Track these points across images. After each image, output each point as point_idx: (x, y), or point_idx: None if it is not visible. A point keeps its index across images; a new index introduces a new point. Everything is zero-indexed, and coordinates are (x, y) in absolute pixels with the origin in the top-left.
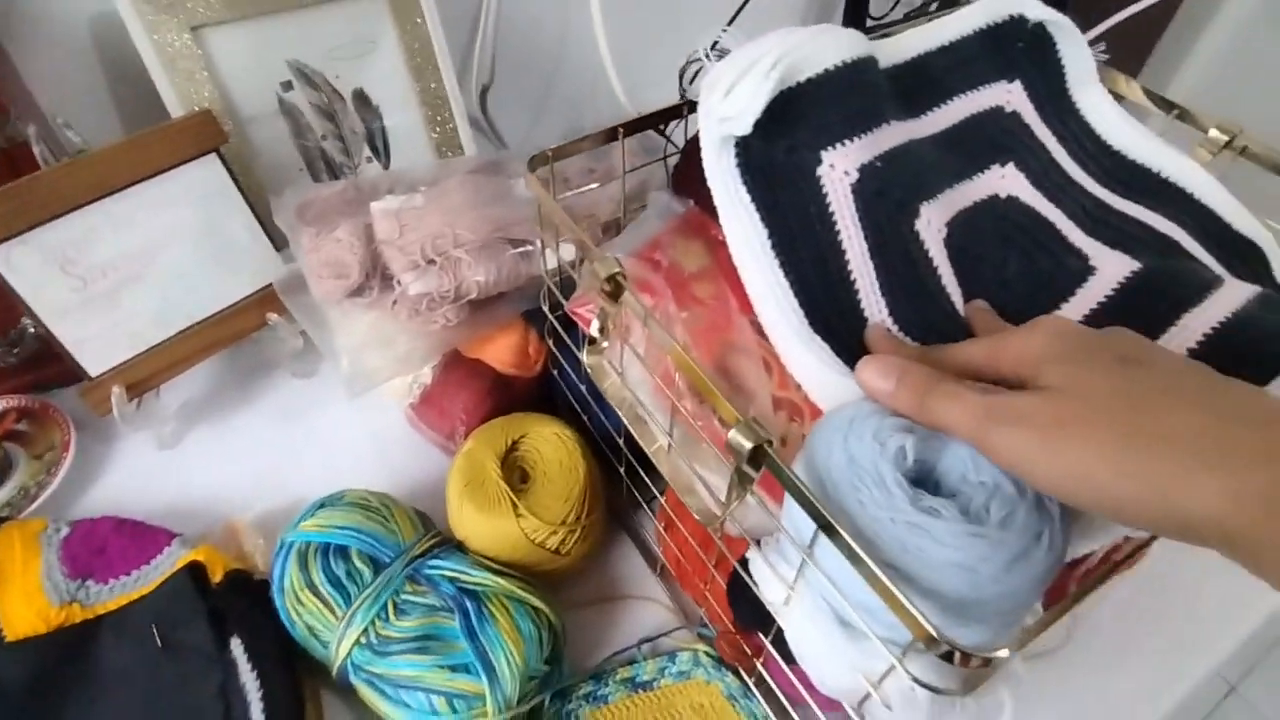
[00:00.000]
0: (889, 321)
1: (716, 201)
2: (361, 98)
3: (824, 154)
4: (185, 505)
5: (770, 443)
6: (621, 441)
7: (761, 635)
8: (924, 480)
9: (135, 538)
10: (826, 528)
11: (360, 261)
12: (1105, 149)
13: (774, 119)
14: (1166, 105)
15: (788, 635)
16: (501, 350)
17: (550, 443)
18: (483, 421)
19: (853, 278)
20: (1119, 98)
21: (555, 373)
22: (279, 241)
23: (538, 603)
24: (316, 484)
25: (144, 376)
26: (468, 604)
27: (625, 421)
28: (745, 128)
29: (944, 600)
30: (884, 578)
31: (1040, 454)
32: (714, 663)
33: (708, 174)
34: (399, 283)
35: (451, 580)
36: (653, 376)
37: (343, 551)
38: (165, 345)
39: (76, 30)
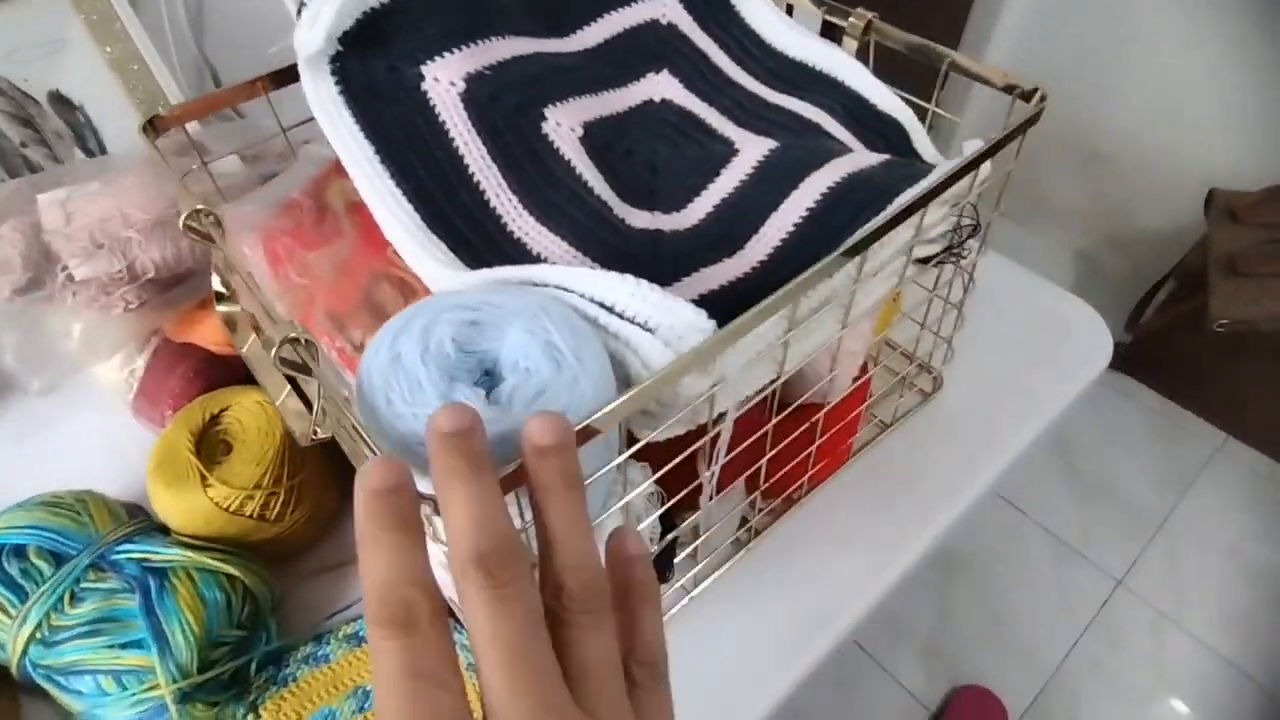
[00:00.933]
0: (525, 213)
1: (321, 125)
2: (59, 98)
3: (424, 68)
4: None
5: (305, 342)
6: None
7: None
8: (492, 372)
9: None
10: (350, 424)
11: (23, 255)
12: (767, 50)
13: (370, 40)
14: (819, 4)
15: None
16: (211, 329)
17: (251, 411)
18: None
19: (475, 179)
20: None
21: None
22: None
23: (232, 570)
24: None
25: None
26: (150, 581)
27: (261, 380)
28: (318, 43)
29: None
30: (374, 442)
31: None
32: None
33: (309, 101)
34: (65, 269)
35: (139, 561)
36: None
37: (19, 551)
38: None
39: None
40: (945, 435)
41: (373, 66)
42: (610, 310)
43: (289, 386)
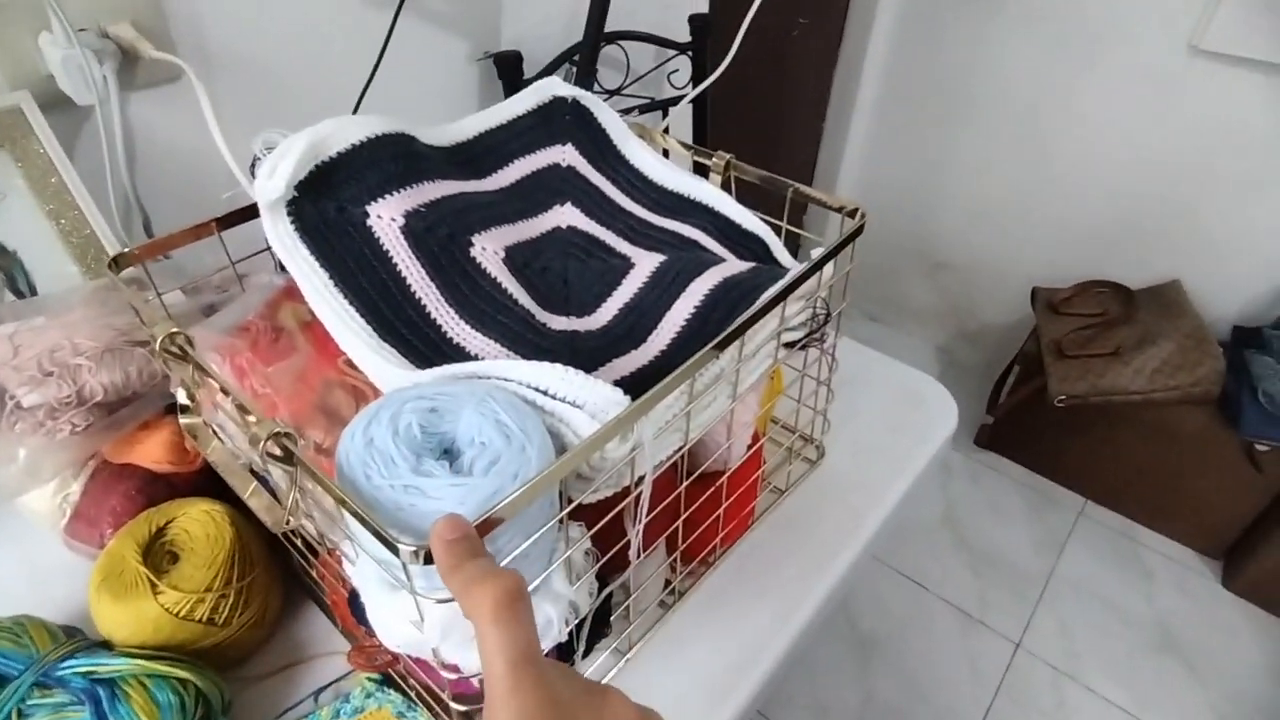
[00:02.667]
0: (461, 323)
1: (281, 258)
2: None
3: (369, 207)
4: None
5: (288, 435)
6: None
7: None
8: (450, 450)
9: None
10: (336, 498)
11: None
12: (649, 184)
13: (322, 187)
14: (688, 147)
15: (367, 614)
16: (153, 448)
17: (199, 520)
18: None
19: (416, 295)
20: (665, 151)
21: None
22: None
23: (183, 673)
24: None
25: None
26: (99, 691)
27: (230, 481)
28: (280, 191)
29: None
30: (353, 502)
31: None
32: (378, 687)
33: (269, 239)
34: (12, 397)
35: (86, 675)
36: (241, 428)
37: None
38: None
39: None
40: (831, 496)
41: (324, 207)
42: (544, 393)
43: (255, 483)
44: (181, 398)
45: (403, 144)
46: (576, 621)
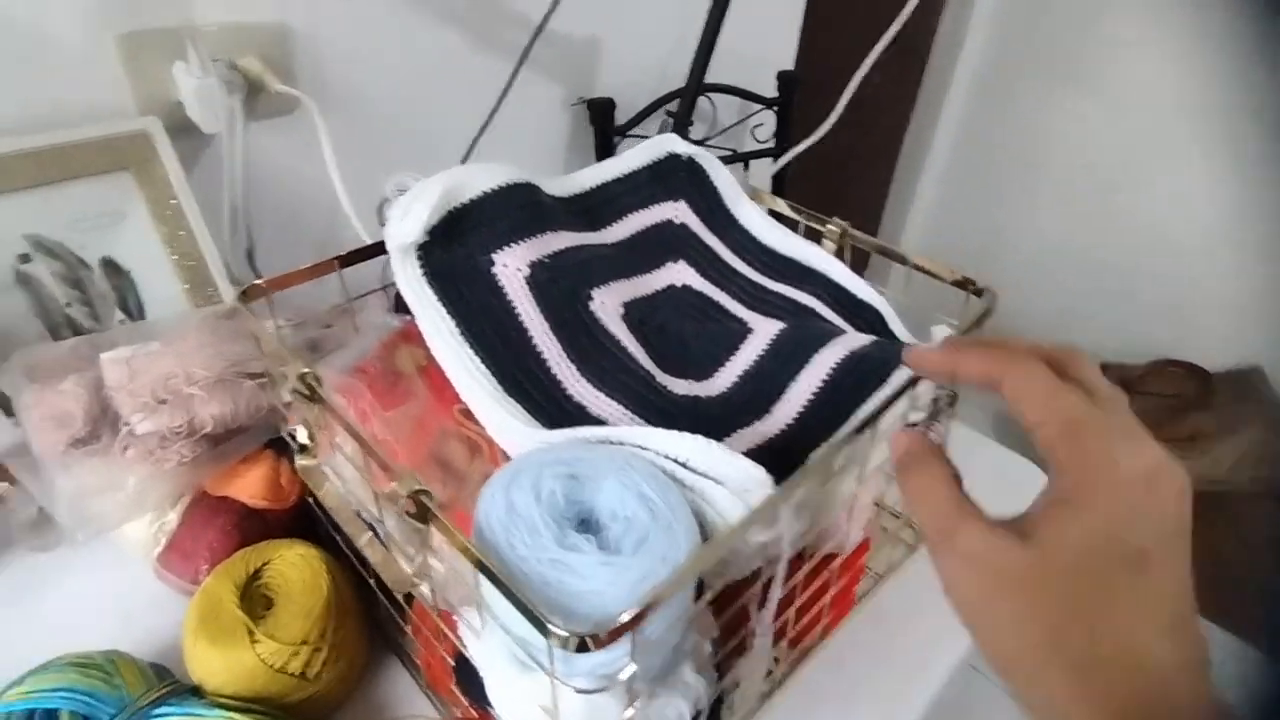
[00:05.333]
0: (583, 380)
1: (408, 302)
2: (110, 265)
3: (495, 255)
4: None
5: (427, 492)
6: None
7: (487, 707)
8: (588, 520)
9: None
10: (480, 567)
11: (85, 409)
12: (761, 246)
13: (451, 234)
14: (798, 211)
15: (488, 690)
16: (251, 484)
17: (295, 565)
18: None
19: (538, 348)
20: (774, 212)
21: (310, 499)
22: (8, 407)
23: None
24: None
25: None
26: None
27: (341, 524)
28: (415, 236)
29: (585, 624)
30: (524, 599)
31: (979, 612)
32: None
33: (397, 281)
34: (127, 424)
35: None
36: (363, 475)
37: (51, 715)
38: None
39: None
40: (929, 585)
41: (452, 253)
42: (683, 465)
43: (370, 533)
44: (301, 437)
45: (529, 194)
46: (694, 714)
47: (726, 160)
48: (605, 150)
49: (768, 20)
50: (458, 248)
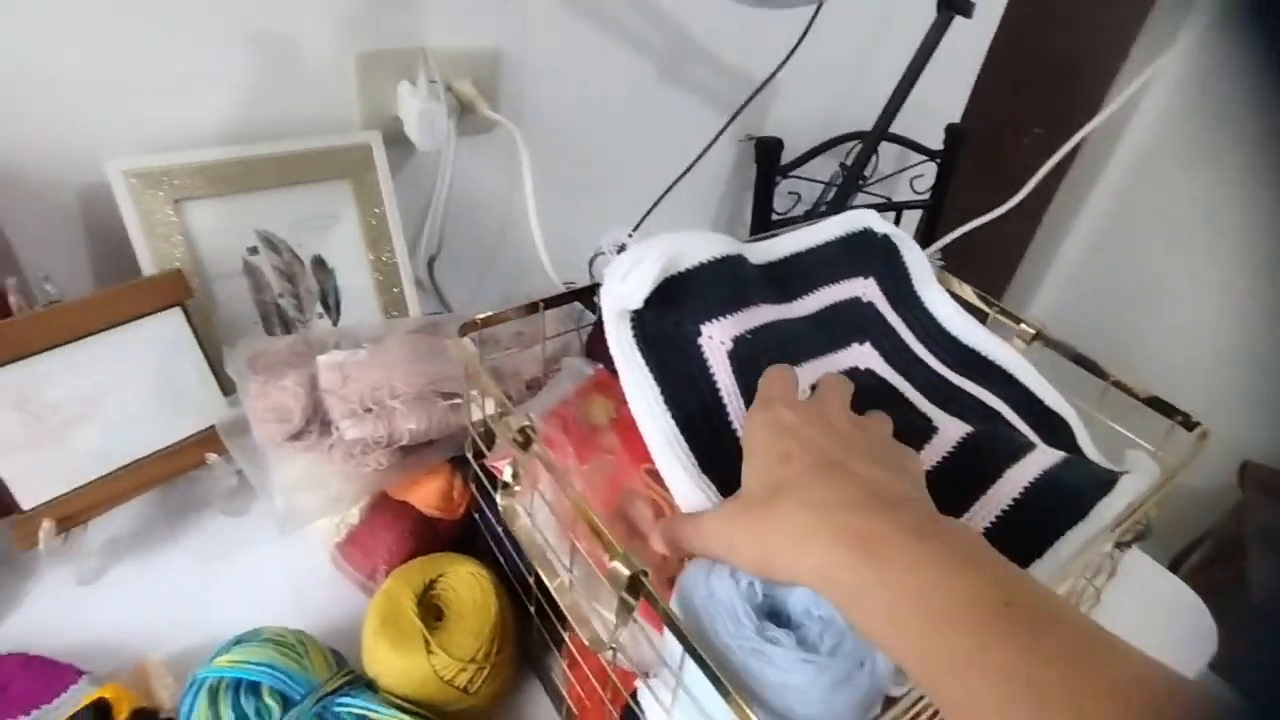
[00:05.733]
0: None
1: (617, 364)
2: (320, 263)
3: (703, 326)
4: (98, 642)
5: (646, 573)
6: (533, 581)
7: None
8: (778, 613)
9: (41, 675)
10: (690, 650)
11: (303, 408)
12: (945, 334)
13: (663, 300)
14: (989, 303)
15: None
16: (428, 494)
17: (466, 582)
18: (404, 561)
19: (733, 426)
20: (956, 296)
21: (477, 516)
22: (226, 387)
23: None
24: (235, 623)
25: (77, 511)
26: None
27: (532, 560)
28: (637, 303)
29: (781, 718)
30: (731, 689)
31: (730, 546)
32: None
33: (609, 342)
34: (337, 428)
35: (359, 718)
36: (557, 519)
37: (254, 688)
38: (103, 481)
39: (65, 197)
40: None
41: (663, 320)
42: None
43: (564, 577)
44: (507, 476)
45: (737, 266)
46: None
47: (880, 208)
48: (765, 189)
49: (941, 71)
50: (669, 315)
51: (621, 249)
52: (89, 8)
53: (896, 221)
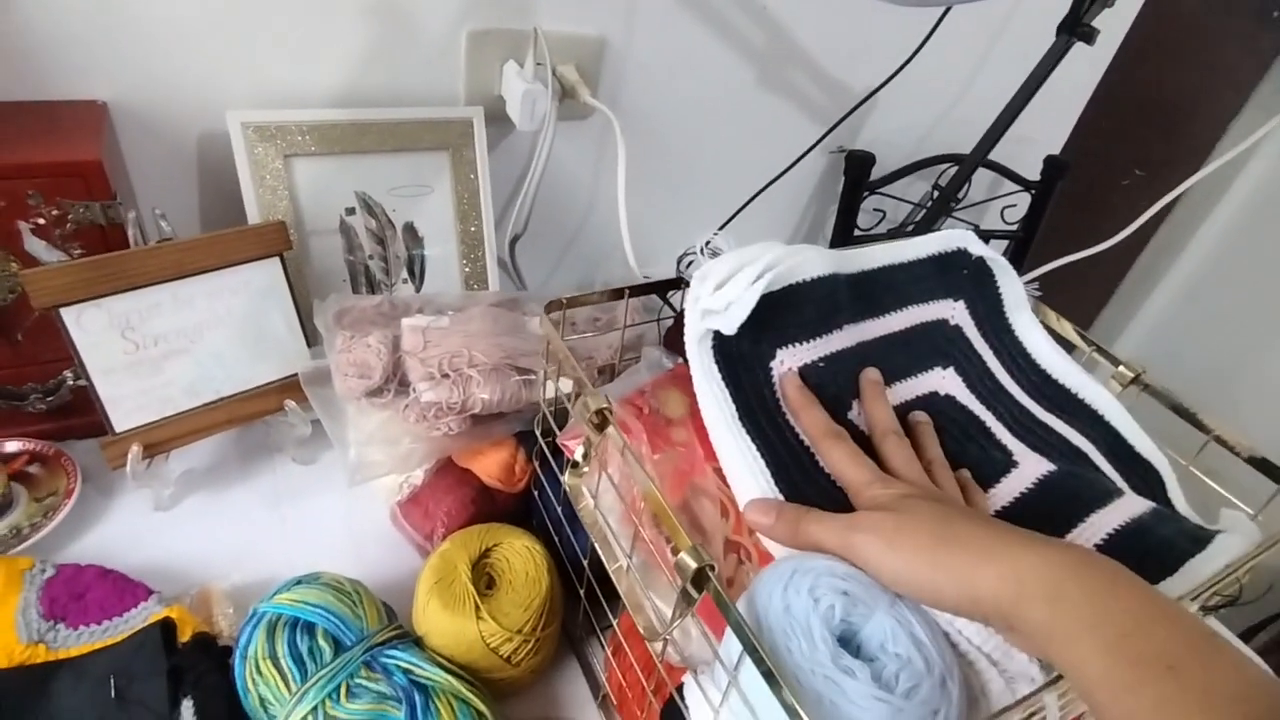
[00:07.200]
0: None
1: (693, 374)
2: (411, 230)
3: (779, 351)
4: (168, 565)
5: (712, 567)
6: (586, 564)
7: None
8: (849, 641)
9: (116, 589)
10: (751, 650)
11: (384, 366)
12: (1034, 367)
13: (749, 320)
14: (1087, 341)
15: None
16: (491, 464)
17: (520, 554)
18: (461, 526)
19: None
20: (1050, 329)
21: (536, 492)
22: (312, 339)
23: (481, 706)
24: (293, 564)
25: (162, 439)
26: (416, 696)
27: (593, 541)
28: (732, 329)
29: None
30: (793, 699)
31: (884, 554)
32: None
33: (688, 353)
34: (414, 389)
35: (405, 671)
36: (622, 503)
37: (309, 628)
38: (189, 414)
39: (185, 141)
40: None
41: (741, 340)
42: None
43: (622, 561)
44: (578, 456)
45: (829, 287)
46: None
47: None
48: (852, 203)
49: (1047, 100)
50: (749, 334)
51: (715, 254)
52: None
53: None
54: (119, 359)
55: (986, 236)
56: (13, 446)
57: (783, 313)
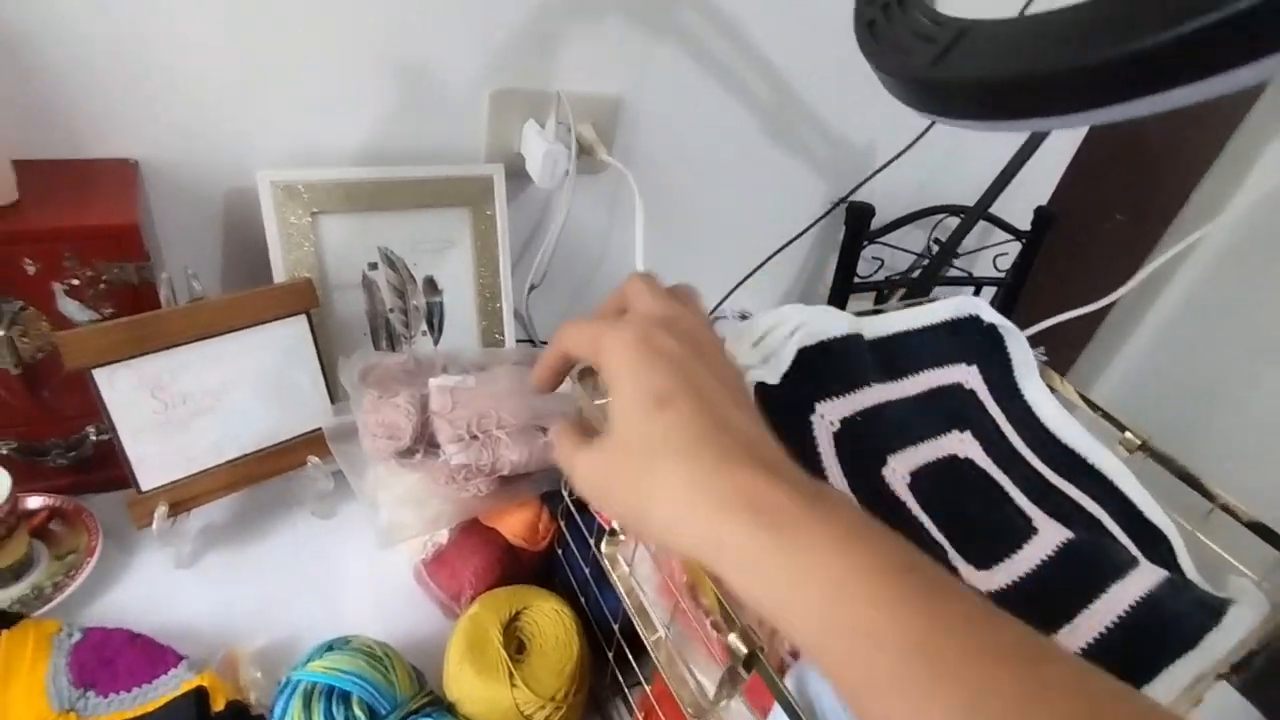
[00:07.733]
0: None
1: None
2: (430, 283)
3: (818, 404)
4: (191, 625)
5: (763, 648)
6: (616, 627)
7: None
8: None
9: (146, 654)
10: None
11: (413, 427)
12: (1044, 431)
13: (786, 372)
14: (1092, 406)
15: None
16: (516, 523)
17: (549, 618)
18: (489, 587)
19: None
20: (1055, 392)
21: (560, 552)
22: (335, 394)
23: None
24: (317, 624)
25: (188, 497)
26: None
27: (629, 609)
28: (775, 378)
29: None
30: None
31: (604, 494)
32: None
33: None
34: (444, 451)
35: None
36: (659, 573)
37: (345, 697)
38: (214, 471)
39: (212, 198)
40: None
41: (781, 393)
42: None
43: (659, 633)
44: (615, 522)
45: (855, 344)
46: None
47: (960, 282)
48: (851, 252)
49: (1041, 152)
50: (788, 388)
51: (743, 317)
52: (258, 30)
53: (976, 294)
54: (148, 418)
55: (979, 284)
56: (35, 503)
57: (820, 367)
